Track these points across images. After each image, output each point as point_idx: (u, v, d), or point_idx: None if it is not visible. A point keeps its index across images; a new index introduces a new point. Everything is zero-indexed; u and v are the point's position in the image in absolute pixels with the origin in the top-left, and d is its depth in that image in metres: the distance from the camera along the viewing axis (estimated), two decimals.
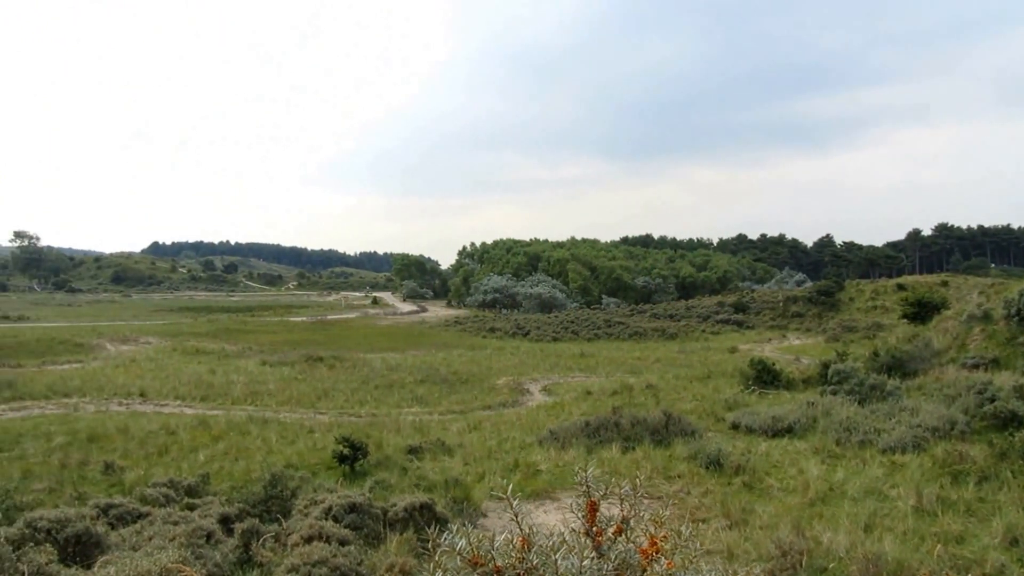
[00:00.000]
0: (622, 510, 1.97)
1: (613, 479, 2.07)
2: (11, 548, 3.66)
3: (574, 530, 1.95)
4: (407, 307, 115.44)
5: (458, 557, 1.90)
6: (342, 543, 7.57)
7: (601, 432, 19.37)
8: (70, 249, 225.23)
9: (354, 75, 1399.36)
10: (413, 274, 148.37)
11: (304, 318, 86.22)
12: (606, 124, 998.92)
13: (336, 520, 8.83)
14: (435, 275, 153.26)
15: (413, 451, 18.91)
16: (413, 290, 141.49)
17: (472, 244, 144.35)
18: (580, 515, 1.97)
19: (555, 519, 13.21)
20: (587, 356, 46.55)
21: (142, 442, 20.31)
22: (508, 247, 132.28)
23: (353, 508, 9.34)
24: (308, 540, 7.45)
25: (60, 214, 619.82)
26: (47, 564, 3.65)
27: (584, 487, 1.98)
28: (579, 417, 22.34)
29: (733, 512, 12.27)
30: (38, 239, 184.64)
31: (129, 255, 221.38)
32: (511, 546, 1.91)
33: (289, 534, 8.06)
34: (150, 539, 7.91)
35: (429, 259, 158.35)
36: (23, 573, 3.62)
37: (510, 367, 40.74)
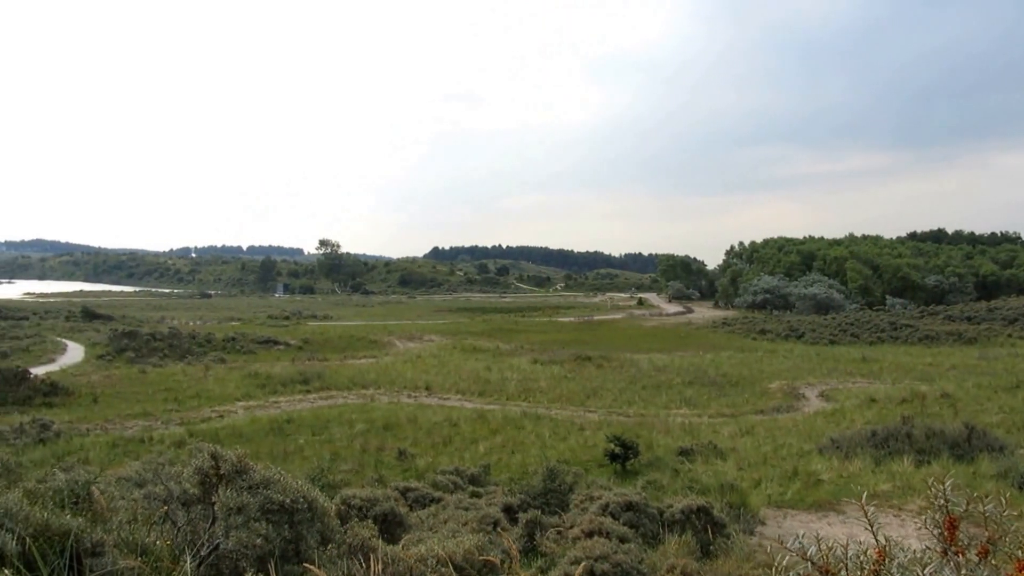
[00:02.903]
0: (987, 530, 1.79)
1: (962, 493, 1.88)
2: (338, 522, 4.09)
3: (928, 547, 1.80)
4: (673, 308, 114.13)
5: (808, 563, 1.82)
6: (622, 540, 7.65)
7: (890, 443, 17.95)
8: (363, 255, 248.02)
9: (623, 77, 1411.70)
10: (679, 275, 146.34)
11: (571, 318, 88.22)
12: (892, 110, 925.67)
13: (613, 517, 8.94)
14: (701, 275, 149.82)
15: (684, 453, 18.68)
16: (679, 291, 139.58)
17: (740, 243, 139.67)
18: (935, 532, 1.81)
19: (840, 532, 12.41)
20: (870, 361, 43.27)
21: (429, 432, 21.92)
22: (779, 245, 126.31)
23: (630, 506, 9.41)
24: (589, 534, 7.61)
25: (354, 226, 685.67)
26: (369, 539, 4.03)
27: (942, 501, 1.81)
28: (863, 426, 20.92)
29: None
30: (339, 246, 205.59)
31: (413, 260, 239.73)
32: (863, 557, 1.80)
33: (570, 527, 8.29)
34: (445, 522, 8.52)
35: (695, 259, 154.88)
36: (349, 545, 4.02)
37: (783, 371, 38.95)
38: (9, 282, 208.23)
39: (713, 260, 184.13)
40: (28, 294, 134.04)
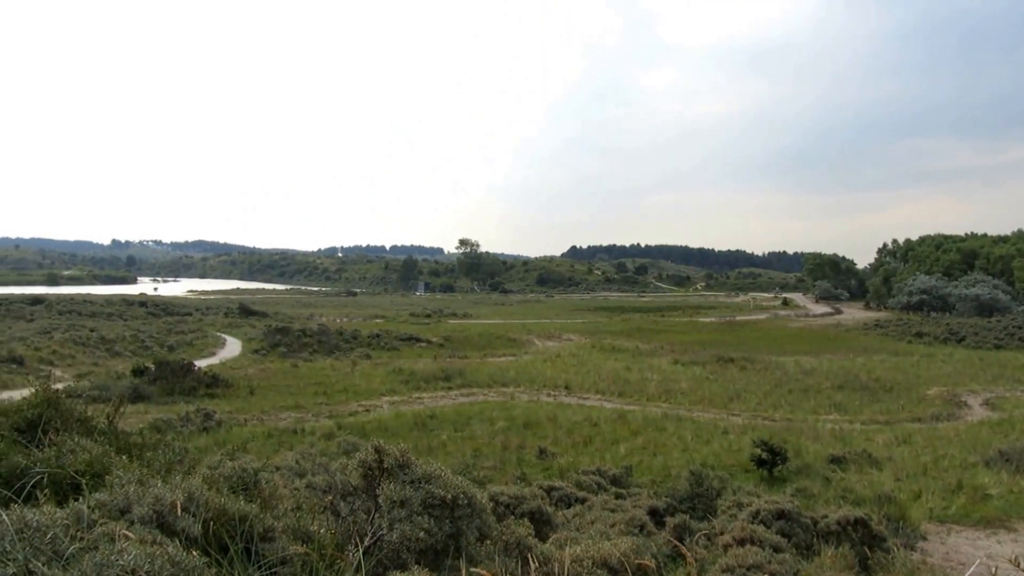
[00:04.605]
0: None
1: None
2: (494, 519, 4.10)
3: None
4: (820, 308, 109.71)
5: None
6: (775, 549, 7.36)
7: None
8: (502, 254, 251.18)
9: (760, 67, 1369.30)
10: (826, 274, 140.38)
11: (713, 319, 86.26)
12: None
13: (764, 525, 8.63)
14: (850, 275, 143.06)
15: (835, 461, 17.90)
16: (826, 291, 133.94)
17: (894, 241, 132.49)
18: None
19: (1012, 552, 11.50)
20: None
21: (569, 431, 21.90)
22: (937, 243, 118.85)
23: (781, 515, 9.04)
24: (740, 542, 7.37)
25: (493, 226, 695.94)
26: (525, 537, 4.02)
27: None
28: None
29: None
30: (478, 246, 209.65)
31: (551, 259, 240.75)
32: None
33: (719, 533, 8.06)
34: (592, 523, 8.47)
35: (843, 258, 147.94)
36: (505, 542, 4.02)
37: (942, 376, 36.65)
38: (175, 280, 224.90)
39: (862, 259, 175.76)
40: (191, 291, 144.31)
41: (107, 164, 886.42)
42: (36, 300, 69.21)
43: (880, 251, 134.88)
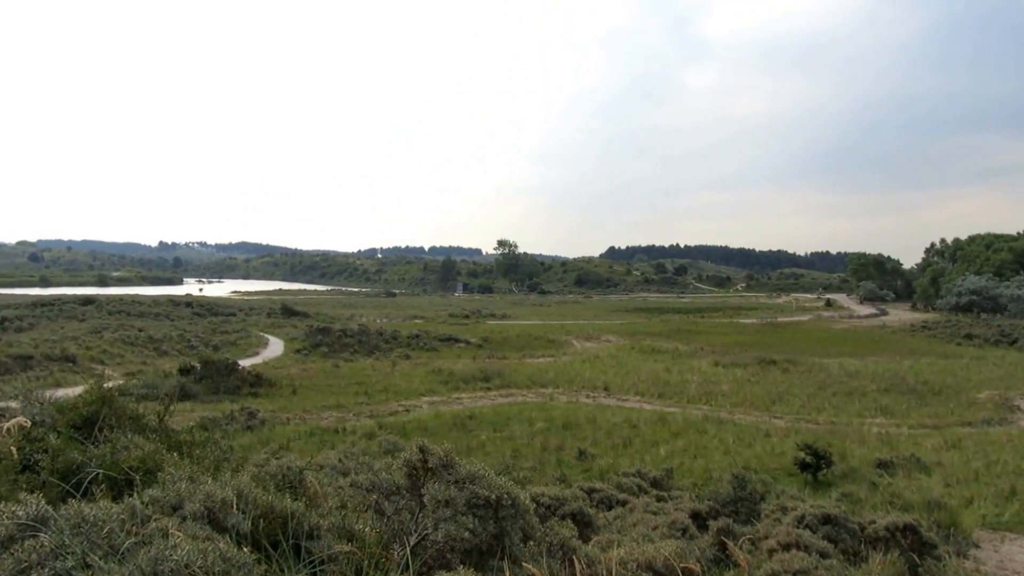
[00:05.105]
0: None
1: None
2: (538, 520, 4.09)
3: None
4: (865, 310, 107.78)
5: None
6: (822, 555, 7.24)
7: None
8: (540, 255, 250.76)
9: (800, 64, 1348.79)
10: (871, 274, 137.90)
11: (754, 320, 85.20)
12: None
13: (810, 530, 8.50)
14: (896, 275, 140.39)
15: (882, 465, 17.60)
16: (871, 291, 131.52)
17: (942, 240, 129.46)
18: None
19: None
20: None
21: (608, 433, 21.83)
22: (988, 242, 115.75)
23: (827, 519, 8.90)
24: (786, 547, 7.26)
25: (531, 227, 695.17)
26: (569, 538, 4.01)
27: None
28: None
29: None
30: (516, 247, 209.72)
31: (589, 260, 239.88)
32: None
33: (763, 538, 7.96)
34: (634, 525, 8.43)
35: (889, 258, 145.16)
36: (549, 543, 4.01)
37: (994, 379, 35.79)
38: (219, 281, 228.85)
39: (909, 259, 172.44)
40: (235, 292, 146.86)
41: (155, 168, 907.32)
42: (87, 300, 70.91)
43: (927, 251, 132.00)
